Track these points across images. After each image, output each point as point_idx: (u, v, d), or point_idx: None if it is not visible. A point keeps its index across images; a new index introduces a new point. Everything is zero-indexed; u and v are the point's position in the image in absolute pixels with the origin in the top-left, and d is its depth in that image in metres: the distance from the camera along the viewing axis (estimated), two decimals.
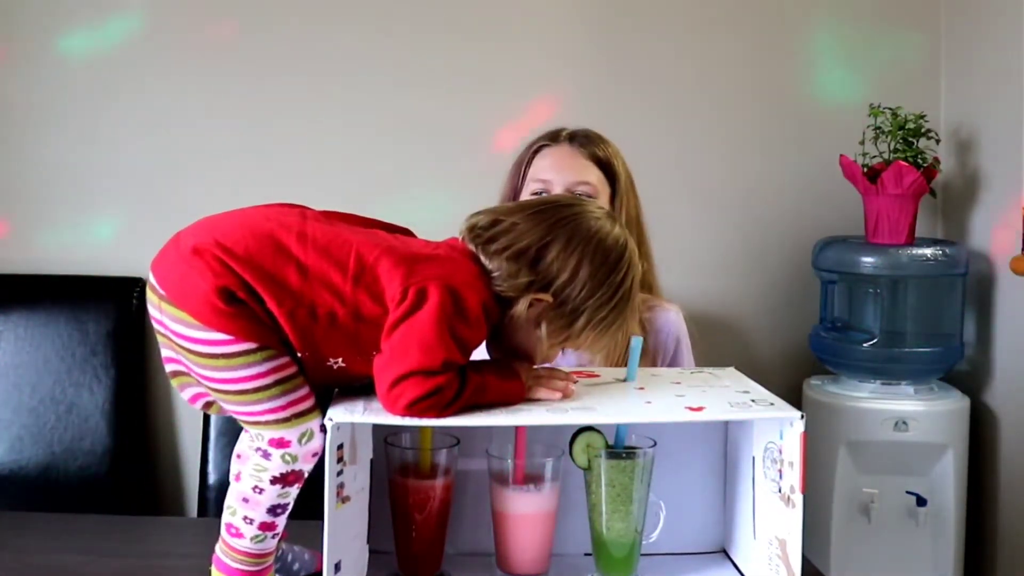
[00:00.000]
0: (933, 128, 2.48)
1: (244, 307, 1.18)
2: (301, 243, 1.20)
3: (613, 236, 1.28)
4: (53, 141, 2.64)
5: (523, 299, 1.24)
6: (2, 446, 2.46)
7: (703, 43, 2.67)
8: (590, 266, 1.25)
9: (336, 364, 1.23)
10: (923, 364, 2.46)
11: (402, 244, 1.24)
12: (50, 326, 2.52)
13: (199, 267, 1.18)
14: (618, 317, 1.28)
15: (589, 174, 1.81)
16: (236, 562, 1.24)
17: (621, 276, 1.28)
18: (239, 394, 1.20)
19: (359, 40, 2.64)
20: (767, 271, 2.69)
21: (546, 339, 1.26)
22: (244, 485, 1.22)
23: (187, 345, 1.20)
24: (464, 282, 1.21)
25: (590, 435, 1.32)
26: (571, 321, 1.26)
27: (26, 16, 2.62)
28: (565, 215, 1.28)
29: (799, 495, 1.21)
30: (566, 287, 1.25)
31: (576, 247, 1.26)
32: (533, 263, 1.25)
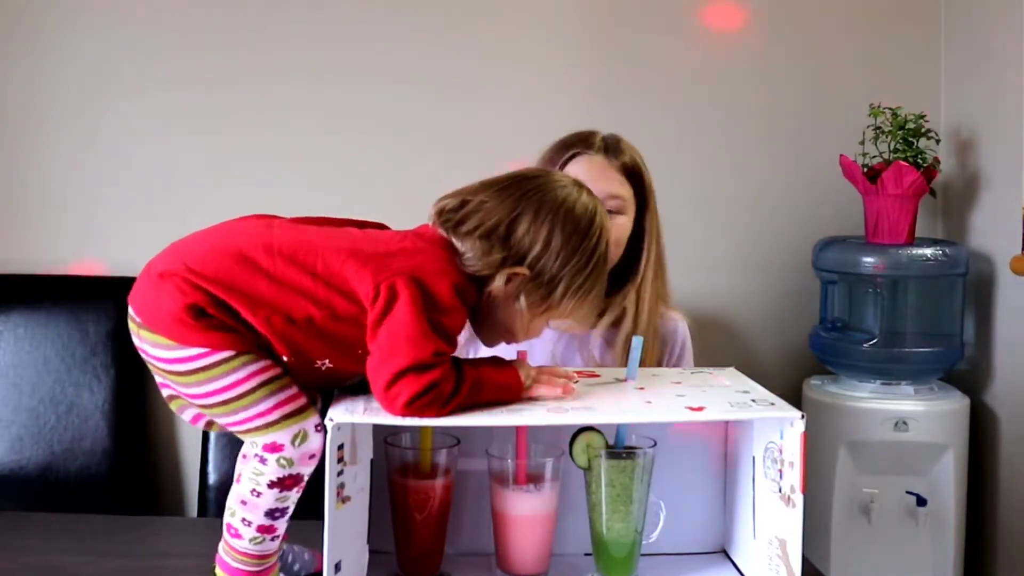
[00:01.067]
0: (933, 128, 2.47)
1: (215, 320, 1.19)
2: (268, 254, 1.21)
3: (582, 203, 1.29)
4: (53, 142, 2.64)
5: (499, 275, 1.24)
6: (2, 446, 2.46)
7: (703, 43, 2.67)
8: (562, 234, 1.26)
9: (324, 365, 1.24)
10: (923, 364, 2.46)
11: (370, 241, 1.24)
12: (50, 326, 2.52)
13: (167, 289, 1.20)
14: (596, 282, 1.30)
15: (620, 187, 1.78)
16: (237, 562, 1.24)
17: (594, 241, 1.29)
18: (224, 404, 1.20)
19: (361, 41, 2.64)
20: (767, 271, 2.69)
21: (526, 311, 1.27)
22: (243, 488, 1.22)
23: (167, 367, 1.21)
24: (433, 271, 1.21)
25: (590, 435, 1.32)
26: (550, 291, 1.27)
27: (27, 16, 2.62)
28: (532, 187, 1.29)
29: (799, 495, 1.21)
30: (541, 258, 1.26)
31: (546, 217, 1.26)
32: (505, 238, 1.25)
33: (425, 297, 1.19)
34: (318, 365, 1.24)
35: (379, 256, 1.21)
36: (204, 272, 1.20)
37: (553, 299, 1.28)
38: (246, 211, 2.89)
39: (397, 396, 1.17)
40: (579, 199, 1.29)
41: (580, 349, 1.76)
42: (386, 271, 1.20)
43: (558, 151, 1.83)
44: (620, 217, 1.76)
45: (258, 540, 1.23)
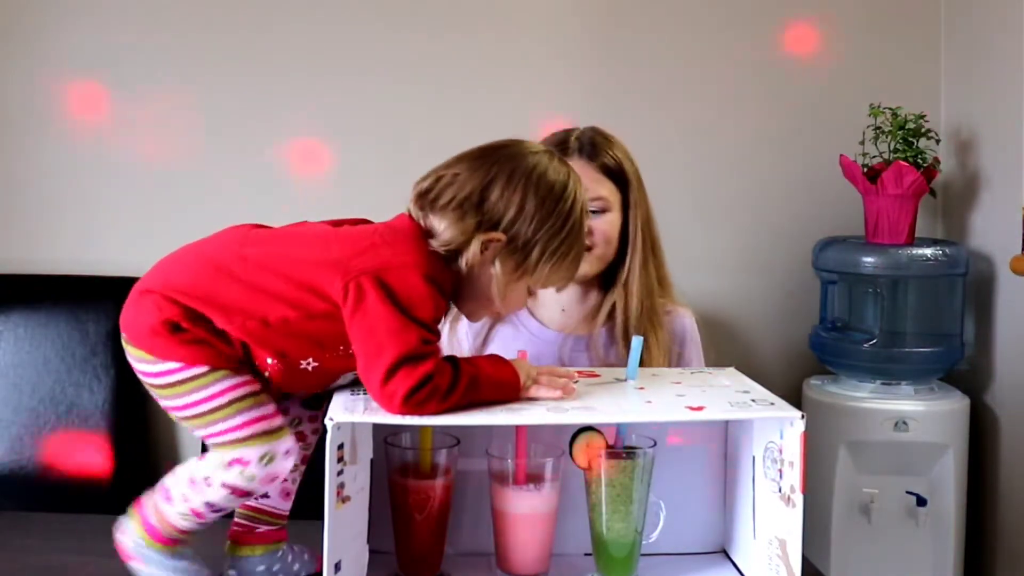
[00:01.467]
0: (933, 128, 2.47)
1: (189, 333, 1.21)
2: (241, 262, 1.24)
3: (554, 168, 1.30)
4: (53, 141, 2.64)
5: (474, 242, 1.25)
6: (2, 446, 2.46)
7: (704, 44, 2.67)
8: (535, 198, 1.27)
9: (310, 365, 1.25)
10: (923, 364, 2.46)
11: (341, 241, 1.25)
12: (50, 326, 2.52)
13: (146, 305, 1.24)
14: (572, 246, 1.30)
15: (601, 188, 1.75)
16: (154, 519, 1.26)
17: (568, 205, 1.29)
18: (198, 416, 1.23)
19: (361, 41, 2.64)
20: (767, 271, 2.69)
21: (502, 277, 1.28)
22: (199, 470, 1.23)
23: (149, 380, 1.25)
24: (400, 265, 1.21)
25: (590, 435, 1.31)
26: (525, 256, 1.28)
27: (27, 16, 2.62)
28: (503, 154, 1.30)
29: (799, 495, 1.21)
30: (515, 222, 1.27)
31: (519, 182, 1.27)
32: (478, 205, 1.26)
33: (393, 291, 1.20)
34: (303, 366, 1.25)
35: (347, 256, 1.22)
36: (180, 287, 1.23)
37: (529, 263, 1.28)
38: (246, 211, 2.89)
39: (394, 393, 1.18)
40: (551, 164, 1.30)
41: (587, 349, 1.76)
42: (353, 270, 1.21)
43: None
44: (606, 215, 1.75)
45: (185, 517, 1.25)
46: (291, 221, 1.34)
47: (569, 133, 1.79)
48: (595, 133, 1.79)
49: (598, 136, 1.79)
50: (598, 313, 1.78)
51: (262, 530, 1.34)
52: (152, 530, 1.26)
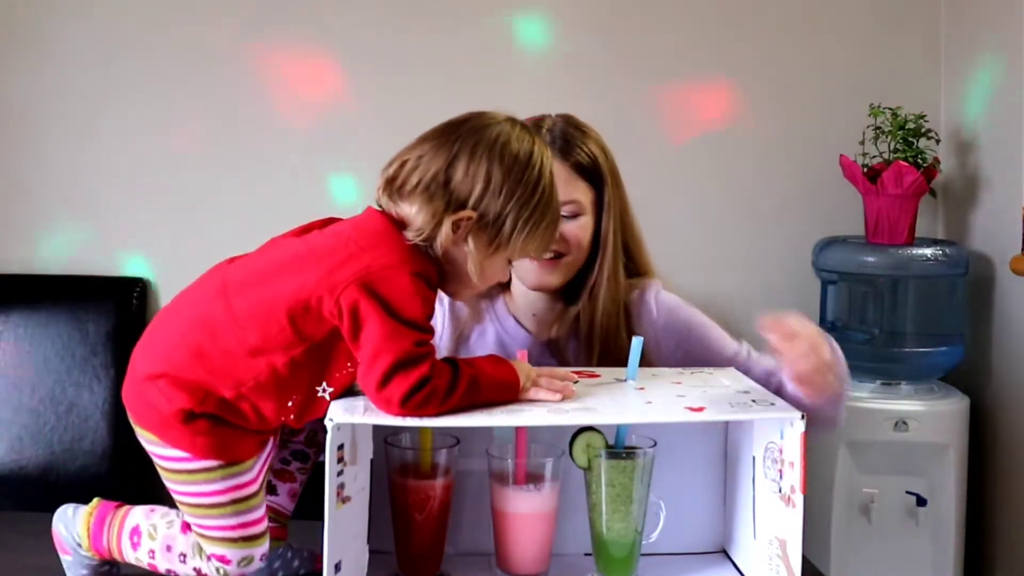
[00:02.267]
0: (933, 128, 2.48)
1: (203, 423, 1.20)
2: (234, 322, 1.21)
3: (517, 136, 1.29)
4: (54, 141, 2.64)
5: (445, 223, 1.24)
6: (2, 446, 2.46)
7: (704, 43, 2.67)
8: (501, 169, 1.25)
9: (326, 392, 1.25)
10: (923, 364, 2.46)
11: (315, 256, 1.22)
12: (50, 326, 2.52)
13: (154, 394, 1.22)
14: (545, 213, 1.29)
15: (574, 190, 1.61)
16: (109, 543, 1.28)
17: (536, 172, 1.28)
18: (194, 507, 1.24)
19: (361, 40, 2.64)
20: (767, 271, 2.69)
21: (477, 254, 1.26)
22: (178, 543, 1.26)
23: (157, 461, 1.25)
24: (383, 267, 1.20)
25: (590, 435, 1.31)
26: (498, 230, 1.26)
27: (27, 16, 2.62)
28: (465, 129, 1.28)
29: (799, 495, 1.21)
30: (483, 197, 1.25)
31: (483, 155, 1.26)
32: (445, 185, 1.25)
33: (381, 297, 1.19)
34: (320, 394, 1.25)
35: (328, 271, 1.20)
36: (183, 364, 1.21)
37: (502, 237, 1.27)
38: (246, 210, 2.89)
39: (390, 397, 1.18)
40: (514, 133, 1.29)
41: (555, 355, 1.68)
42: (338, 285, 1.19)
43: None
44: (579, 219, 1.61)
45: (138, 562, 1.28)
46: (292, 224, 1.33)
47: (540, 125, 1.65)
48: (568, 125, 1.65)
49: (571, 128, 1.65)
50: (565, 319, 1.67)
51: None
52: (98, 546, 1.29)
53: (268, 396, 1.22)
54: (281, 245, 1.28)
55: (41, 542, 1.35)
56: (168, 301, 1.31)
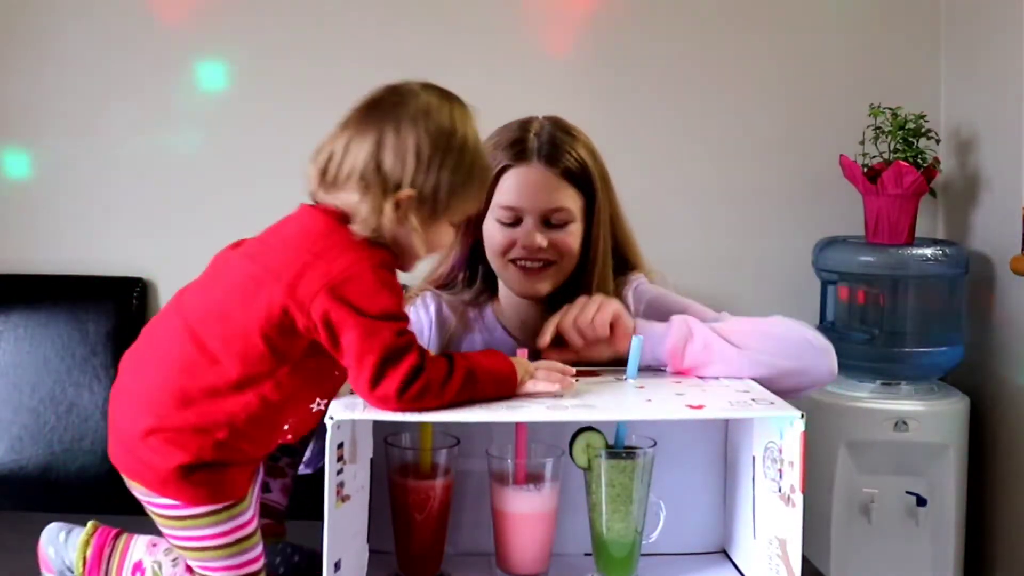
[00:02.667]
0: (933, 128, 2.48)
1: (203, 472, 1.19)
2: (216, 364, 1.19)
3: (436, 104, 1.28)
4: (53, 141, 2.64)
5: (387, 209, 1.23)
6: (2, 446, 2.46)
7: (704, 43, 2.67)
8: (428, 140, 1.25)
9: (319, 405, 1.24)
10: (923, 364, 2.45)
11: (268, 273, 1.20)
12: (50, 326, 2.52)
13: (147, 454, 1.20)
14: (475, 172, 1.28)
15: (563, 198, 1.56)
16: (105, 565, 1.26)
17: (461, 135, 1.27)
18: (197, 551, 1.22)
19: (361, 40, 2.64)
20: (767, 271, 2.69)
21: (421, 228, 1.25)
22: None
23: (150, 508, 1.23)
24: (343, 269, 1.19)
25: (590, 435, 1.31)
26: (435, 199, 1.25)
27: (28, 18, 2.62)
28: (385, 108, 1.27)
29: (799, 495, 1.21)
30: (417, 173, 1.24)
31: (408, 133, 1.25)
32: (378, 170, 1.24)
33: (351, 300, 1.18)
34: (314, 408, 1.24)
35: (288, 288, 1.18)
36: (174, 424, 1.19)
37: (440, 204, 1.26)
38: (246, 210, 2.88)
39: (386, 393, 1.17)
40: (432, 101, 1.28)
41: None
42: (306, 301, 1.18)
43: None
44: (568, 227, 1.57)
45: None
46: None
47: (527, 129, 1.60)
48: (555, 129, 1.60)
49: (559, 132, 1.60)
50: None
51: (263, 523, 1.34)
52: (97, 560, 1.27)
53: (262, 425, 1.21)
54: (229, 266, 1.26)
55: None
56: (168, 301, 1.30)
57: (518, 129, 1.61)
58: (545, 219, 1.56)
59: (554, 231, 1.56)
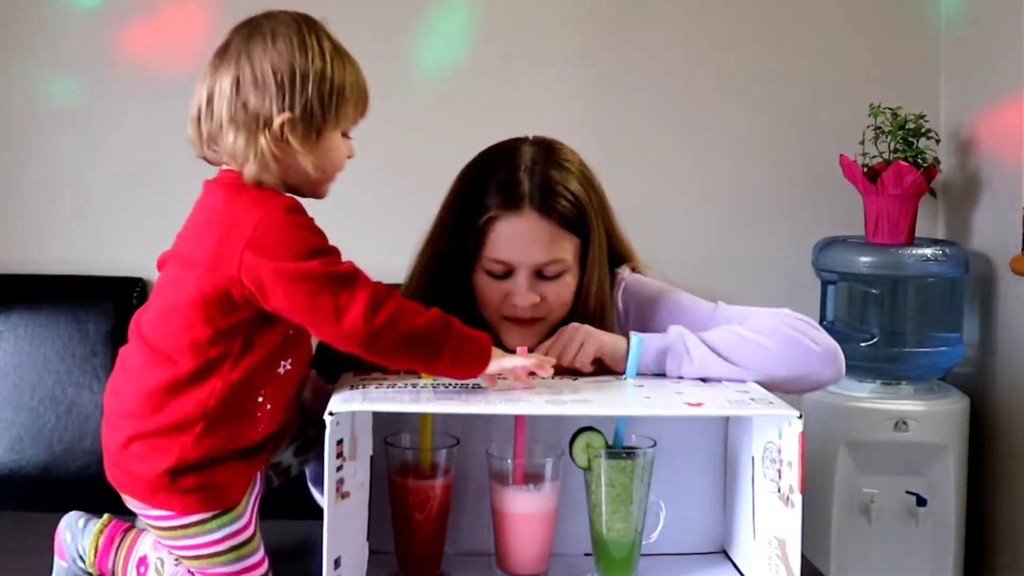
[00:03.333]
0: (933, 128, 2.48)
1: (191, 476, 1.19)
2: (171, 360, 1.20)
3: (283, 27, 1.25)
4: (54, 141, 2.64)
5: (262, 142, 1.21)
6: (2, 446, 2.46)
7: (704, 43, 2.67)
8: (283, 62, 1.23)
9: (286, 367, 1.23)
10: (923, 364, 2.46)
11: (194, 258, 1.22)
12: (50, 326, 2.52)
13: (133, 463, 1.21)
14: (344, 77, 1.26)
15: (560, 250, 1.46)
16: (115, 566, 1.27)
17: (315, 47, 1.25)
18: (195, 559, 1.22)
19: (361, 40, 2.63)
20: (767, 271, 2.69)
21: (306, 149, 1.22)
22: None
23: (148, 522, 1.24)
24: (254, 226, 1.18)
25: (590, 435, 1.32)
26: (310, 112, 1.23)
27: (28, 18, 2.62)
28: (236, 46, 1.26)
29: (798, 495, 1.21)
30: (282, 95, 1.22)
31: (261, 62, 1.23)
32: (245, 110, 1.22)
33: (272, 254, 1.16)
34: (283, 372, 1.23)
35: (214, 262, 1.19)
36: (151, 426, 1.20)
37: (318, 121, 1.23)
38: None
39: (354, 324, 1.15)
40: (276, 24, 1.26)
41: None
42: (233, 271, 1.17)
43: (476, 203, 1.47)
44: (563, 276, 1.47)
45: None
46: None
47: (517, 164, 1.47)
48: (548, 162, 1.48)
49: (551, 168, 1.47)
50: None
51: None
52: (103, 566, 1.28)
53: (235, 407, 1.21)
54: (163, 271, 1.28)
55: (41, 542, 1.35)
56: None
57: (508, 165, 1.48)
58: (539, 271, 1.47)
59: (548, 283, 1.47)
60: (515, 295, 1.46)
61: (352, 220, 2.47)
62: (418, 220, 1.59)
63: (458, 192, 1.53)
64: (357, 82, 1.29)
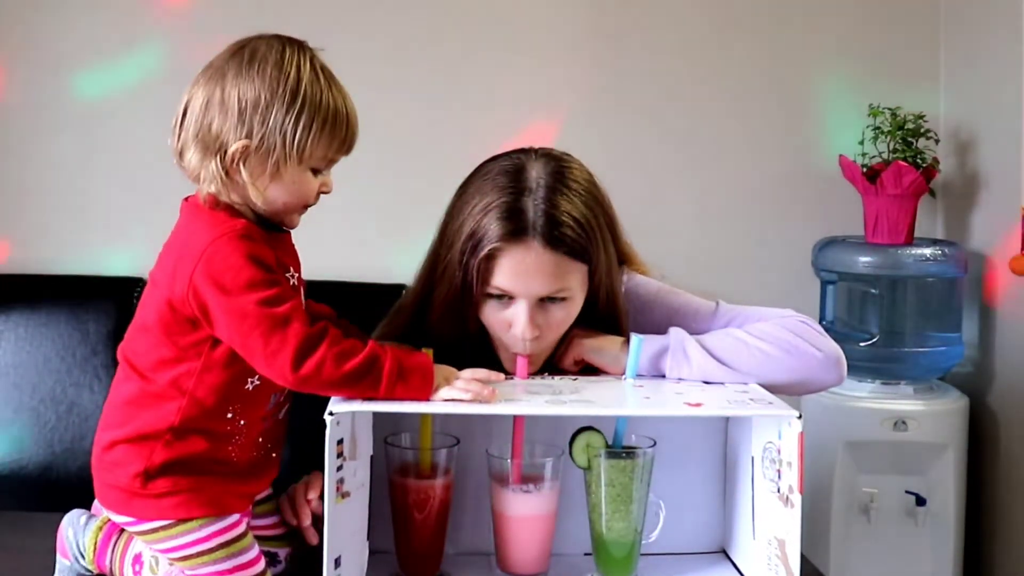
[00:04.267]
0: (933, 128, 2.48)
1: (164, 479, 1.20)
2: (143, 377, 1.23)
3: (263, 50, 1.23)
4: (54, 142, 2.64)
5: (213, 165, 1.21)
6: (2, 446, 2.46)
7: (704, 42, 2.67)
8: (256, 83, 1.20)
9: (252, 383, 1.23)
10: (923, 364, 2.46)
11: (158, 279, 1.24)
12: (50, 326, 2.52)
13: (109, 469, 1.23)
14: (316, 112, 1.22)
15: (567, 279, 1.38)
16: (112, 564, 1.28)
17: (292, 77, 1.21)
18: (185, 559, 1.23)
19: (362, 39, 2.64)
20: (767, 271, 2.69)
21: (251, 180, 1.20)
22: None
23: (132, 529, 1.25)
24: (201, 250, 1.18)
25: (590, 435, 1.32)
26: (269, 146, 1.20)
27: (28, 18, 2.62)
28: (216, 65, 1.24)
29: (797, 495, 1.21)
30: (243, 122, 1.20)
31: (234, 86, 1.21)
32: (209, 130, 1.22)
33: (215, 281, 1.17)
34: (250, 388, 1.24)
35: (171, 280, 1.21)
36: (125, 429, 1.23)
37: (282, 154, 1.20)
38: None
39: (281, 369, 1.15)
40: (259, 46, 1.24)
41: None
42: (184, 290, 1.19)
43: (477, 230, 1.37)
44: (565, 303, 1.40)
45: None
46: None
47: (522, 190, 1.38)
48: (554, 185, 1.38)
49: (558, 193, 1.38)
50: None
51: None
52: (101, 563, 1.29)
53: (204, 422, 1.22)
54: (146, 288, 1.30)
55: (41, 542, 1.35)
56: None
57: (512, 190, 1.38)
58: (542, 298, 1.39)
59: (552, 306, 1.40)
60: (516, 325, 1.39)
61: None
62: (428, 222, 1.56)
63: (459, 210, 1.42)
64: (335, 118, 1.24)
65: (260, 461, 1.28)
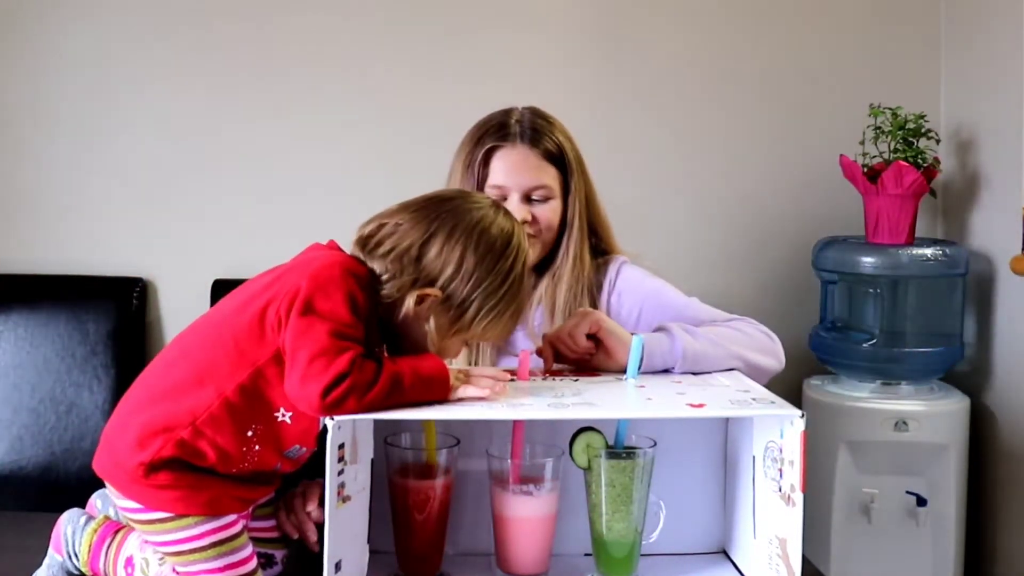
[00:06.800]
0: (933, 128, 2.48)
1: (166, 473, 1.21)
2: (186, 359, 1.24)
3: (498, 224, 1.29)
4: (55, 142, 2.64)
5: (409, 296, 1.24)
6: (2, 446, 2.46)
7: (704, 42, 2.67)
8: (475, 255, 1.26)
9: (286, 416, 1.24)
10: (923, 364, 2.45)
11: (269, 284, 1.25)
12: (50, 326, 2.52)
13: (120, 449, 1.23)
14: (511, 303, 1.29)
15: (544, 175, 1.73)
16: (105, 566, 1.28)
17: (509, 263, 1.28)
18: (176, 554, 1.23)
19: (362, 39, 2.64)
20: (767, 271, 2.69)
21: (435, 333, 1.26)
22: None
23: (127, 515, 1.25)
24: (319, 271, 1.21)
25: (590, 435, 1.32)
26: (460, 313, 1.26)
27: (28, 18, 2.62)
28: (447, 208, 1.28)
29: (799, 494, 1.21)
30: (452, 280, 1.25)
31: (459, 238, 1.26)
32: (417, 260, 1.25)
33: (308, 295, 1.20)
34: (280, 419, 1.24)
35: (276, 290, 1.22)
36: (140, 417, 1.22)
37: (463, 321, 1.27)
38: (246, 210, 2.88)
39: (309, 395, 1.17)
40: (495, 220, 1.29)
41: (522, 327, 1.72)
42: (279, 296, 1.21)
43: (474, 143, 1.75)
44: (549, 202, 1.73)
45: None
46: (290, 224, 1.33)
47: (509, 115, 1.76)
48: (536, 116, 1.77)
49: (539, 120, 1.77)
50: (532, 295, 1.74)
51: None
52: (95, 566, 1.29)
53: (224, 428, 1.21)
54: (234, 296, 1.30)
55: (41, 542, 1.35)
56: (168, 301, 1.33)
57: (501, 115, 1.77)
58: (528, 196, 1.72)
59: (536, 206, 1.72)
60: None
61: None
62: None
63: (463, 151, 1.77)
64: (515, 314, 1.31)
65: (266, 476, 1.28)
